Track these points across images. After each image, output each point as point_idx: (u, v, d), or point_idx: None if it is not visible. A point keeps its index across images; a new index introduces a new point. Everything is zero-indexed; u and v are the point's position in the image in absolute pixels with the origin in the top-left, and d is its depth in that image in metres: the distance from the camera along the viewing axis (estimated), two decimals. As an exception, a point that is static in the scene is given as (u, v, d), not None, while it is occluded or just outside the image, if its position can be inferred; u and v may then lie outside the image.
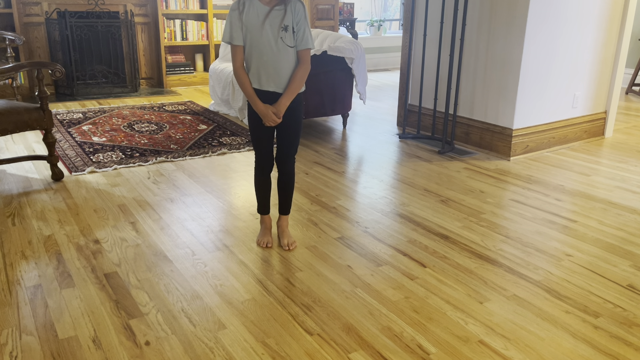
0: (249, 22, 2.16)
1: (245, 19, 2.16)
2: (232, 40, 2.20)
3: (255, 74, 2.24)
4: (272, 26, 2.16)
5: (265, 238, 2.53)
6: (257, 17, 2.16)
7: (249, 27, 2.17)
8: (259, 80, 2.24)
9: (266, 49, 2.18)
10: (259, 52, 2.19)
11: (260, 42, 2.18)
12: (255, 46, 2.19)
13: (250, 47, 2.20)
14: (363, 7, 9.08)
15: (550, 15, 3.74)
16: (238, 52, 2.21)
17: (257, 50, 2.19)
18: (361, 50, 4.47)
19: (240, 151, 3.95)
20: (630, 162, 3.84)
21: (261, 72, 2.22)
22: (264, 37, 2.17)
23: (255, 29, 2.17)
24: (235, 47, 2.21)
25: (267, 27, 2.16)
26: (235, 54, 2.22)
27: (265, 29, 2.16)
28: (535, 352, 1.79)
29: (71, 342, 1.82)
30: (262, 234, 2.55)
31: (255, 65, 2.22)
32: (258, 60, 2.20)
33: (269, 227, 2.57)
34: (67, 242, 2.52)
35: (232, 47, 2.22)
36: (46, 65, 3.22)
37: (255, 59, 2.21)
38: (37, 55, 5.74)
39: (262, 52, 2.19)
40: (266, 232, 2.55)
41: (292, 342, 1.83)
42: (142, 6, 6.17)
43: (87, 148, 3.92)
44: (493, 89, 3.92)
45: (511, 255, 2.46)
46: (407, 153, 4.03)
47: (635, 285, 2.22)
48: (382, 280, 2.22)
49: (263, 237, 2.53)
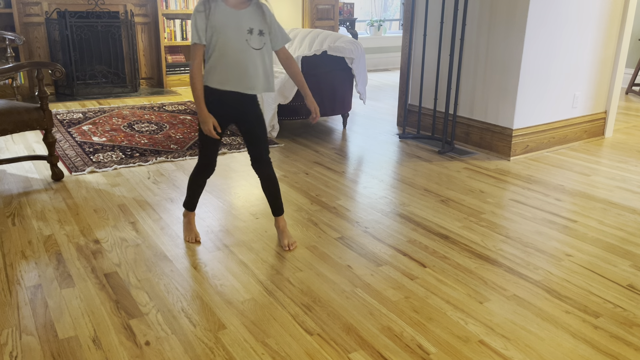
0: (216, 24, 2.18)
1: (212, 20, 2.18)
2: (201, 40, 2.20)
3: (220, 75, 2.24)
4: (238, 29, 2.19)
5: (192, 233, 2.57)
6: (223, 19, 2.18)
7: (216, 28, 2.18)
8: (224, 81, 2.25)
9: (232, 50, 2.20)
10: (224, 54, 2.21)
11: (227, 44, 2.20)
12: (221, 48, 2.20)
13: (216, 48, 2.21)
14: (363, 7, 9.08)
15: (550, 15, 3.74)
16: (199, 52, 2.22)
17: (223, 51, 2.21)
18: (361, 50, 4.47)
19: (240, 151, 3.95)
20: (630, 162, 3.84)
21: (227, 74, 2.23)
22: (230, 39, 2.19)
23: (222, 30, 2.18)
24: (198, 47, 2.21)
25: (234, 30, 2.19)
26: (196, 53, 2.22)
27: (232, 31, 2.19)
28: (535, 352, 1.79)
29: (71, 342, 1.82)
30: (189, 229, 2.58)
31: (221, 66, 2.23)
32: (224, 62, 2.22)
33: (193, 222, 2.61)
34: (67, 242, 2.52)
35: (193, 46, 2.22)
36: (46, 65, 3.22)
37: (221, 61, 2.22)
38: (37, 55, 5.74)
39: (228, 54, 2.21)
40: (191, 226, 2.59)
41: (292, 342, 1.83)
42: (142, 6, 6.17)
43: (87, 148, 3.92)
44: (493, 88, 3.92)
45: (511, 255, 2.46)
46: (407, 153, 4.03)
47: (635, 285, 2.22)
48: (382, 280, 2.22)
49: (190, 233, 2.57)
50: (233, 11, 2.19)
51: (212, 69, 2.24)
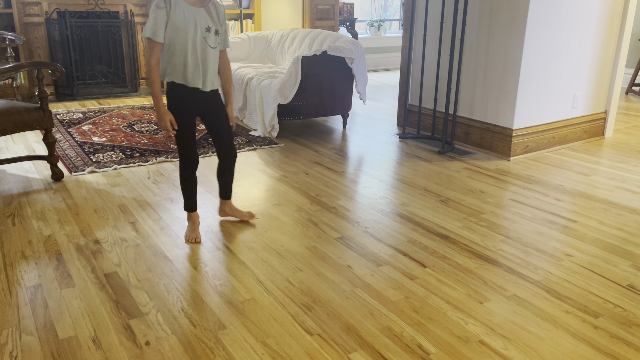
0: (177, 22, 2.24)
1: (172, 17, 2.23)
2: (155, 37, 2.24)
3: (180, 72, 2.32)
4: (198, 27, 2.28)
5: (194, 233, 2.58)
6: (184, 17, 2.25)
7: (177, 26, 2.24)
8: (185, 77, 2.33)
9: (192, 48, 2.29)
10: (184, 51, 2.28)
11: (187, 41, 2.27)
12: (181, 45, 2.27)
13: (176, 45, 2.27)
14: (363, 7, 9.08)
15: (551, 15, 3.74)
16: (157, 49, 2.27)
17: (183, 49, 2.28)
18: (361, 50, 4.47)
19: (240, 151, 3.95)
20: (630, 162, 3.84)
21: (187, 71, 2.31)
22: (191, 37, 2.27)
23: (182, 28, 2.25)
24: (155, 44, 2.26)
25: (194, 28, 2.27)
26: (154, 50, 2.27)
27: (192, 30, 2.27)
28: (535, 352, 1.79)
29: (71, 342, 1.82)
30: (192, 230, 2.60)
31: (181, 63, 2.30)
32: (184, 59, 2.29)
33: (197, 223, 2.63)
34: (67, 242, 2.52)
35: (151, 43, 2.26)
36: (46, 65, 3.22)
37: (181, 58, 2.29)
38: (37, 55, 5.74)
39: (189, 52, 2.28)
40: (195, 227, 2.61)
41: (292, 342, 1.83)
42: (142, 6, 6.17)
43: (87, 148, 3.92)
44: (493, 89, 3.92)
45: (511, 255, 2.46)
46: (407, 153, 4.03)
47: (635, 285, 2.22)
48: (382, 280, 2.22)
49: (192, 233, 2.58)
50: (193, 9, 2.27)
51: (174, 65, 2.31)
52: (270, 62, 5.53)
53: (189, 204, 2.61)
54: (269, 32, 5.66)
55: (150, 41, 2.26)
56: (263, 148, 4.06)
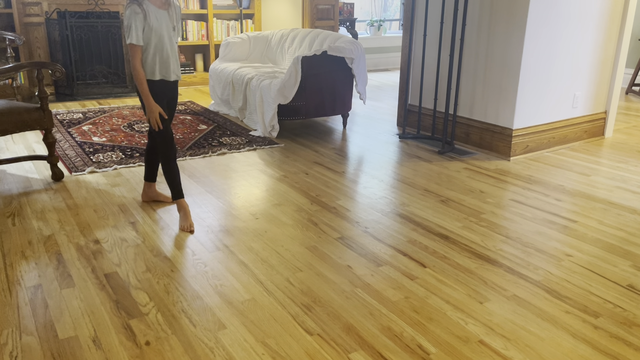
0: (152, 24, 2.52)
1: (148, 21, 2.50)
2: (138, 41, 2.50)
3: (160, 69, 2.60)
4: (167, 27, 2.59)
5: (188, 221, 2.69)
6: (156, 19, 2.53)
7: (153, 28, 2.52)
8: (165, 72, 2.63)
9: (166, 46, 2.59)
10: (161, 50, 2.58)
11: (162, 40, 2.57)
12: (158, 44, 2.56)
13: (153, 45, 2.55)
14: (363, 7, 9.08)
15: (551, 15, 3.74)
16: (139, 52, 2.54)
17: (160, 48, 2.57)
18: (361, 50, 4.47)
19: (240, 151, 3.95)
20: (630, 162, 3.84)
21: (165, 66, 2.62)
22: (164, 37, 2.57)
23: (157, 30, 2.54)
24: (137, 47, 2.52)
25: (165, 28, 2.57)
26: (137, 53, 2.53)
27: (164, 30, 2.57)
28: (535, 352, 1.79)
29: (71, 342, 1.82)
30: (185, 218, 2.71)
31: (159, 61, 2.59)
32: (161, 57, 2.59)
33: (188, 209, 2.74)
34: (67, 242, 2.52)
35: (133, 47, 2.51)
36: (46, 65, 3.22)
37: (158, 56, 2.58)
38: (37, 56, 5.74)
39: (163, 50, 2.59)
40: (187, 215, 2.72)
41: (292, 342, 1.83)
42: (142, 6, 6.16)
43: (87, 148, 3.92)
44: (493, 89, 3.92)
45: (511, 255, 2.46)
46: (407, 153, 4.03)
47: (635, 285, 2.22)
48: (382, 280, 2.22)
49: (186, 221, 2.69)
50: (161, 11, 2.56)
51: (153, 63, 2.58)
52: (270, 62, 5.53)
53: (178, 191, 2.75)
54: (269, 32, 5.66)
55: (134, 46, 2.51)
56: (263, 148, 4.06)
